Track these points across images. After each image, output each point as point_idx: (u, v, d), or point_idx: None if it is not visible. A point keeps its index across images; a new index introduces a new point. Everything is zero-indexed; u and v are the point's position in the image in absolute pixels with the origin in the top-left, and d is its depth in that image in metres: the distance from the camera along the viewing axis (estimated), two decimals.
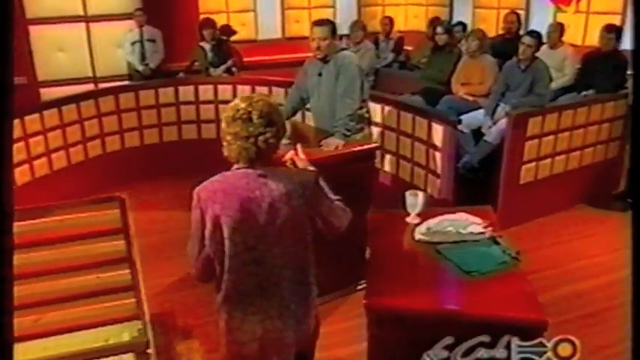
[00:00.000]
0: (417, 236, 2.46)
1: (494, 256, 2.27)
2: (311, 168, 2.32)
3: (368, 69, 6.65)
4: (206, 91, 6.13)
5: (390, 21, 7.69)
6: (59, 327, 3.44)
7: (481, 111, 5.22)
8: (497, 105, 5.17)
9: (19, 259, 3.31)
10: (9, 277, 1.89)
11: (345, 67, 3.91)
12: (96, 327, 3.24)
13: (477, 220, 2.49)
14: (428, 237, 2.43)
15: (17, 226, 3.35)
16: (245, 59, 7.38)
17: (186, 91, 6.14)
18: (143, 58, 7.03)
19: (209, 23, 6.69)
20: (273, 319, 2.14)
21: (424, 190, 4.68)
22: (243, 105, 2.07)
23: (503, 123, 4.88)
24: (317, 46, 3.93)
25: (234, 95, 6.06)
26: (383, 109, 4.99)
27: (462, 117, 5.18)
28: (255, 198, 2.05)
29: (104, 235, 3.35)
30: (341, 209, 2.23)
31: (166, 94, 6.12)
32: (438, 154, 4.49)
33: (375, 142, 4.19)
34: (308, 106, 4.26)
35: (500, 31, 6.86)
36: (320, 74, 4.03)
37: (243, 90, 6.01)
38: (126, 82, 7.14)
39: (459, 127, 5.09)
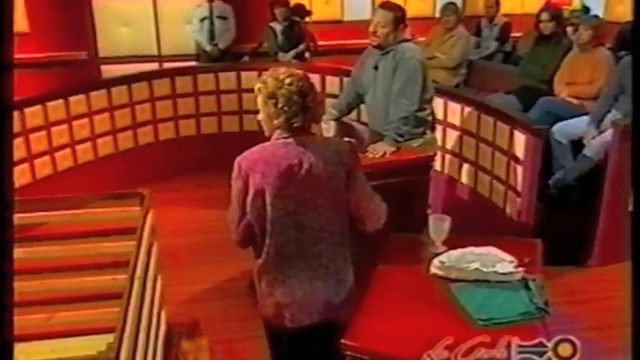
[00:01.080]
0: (432, 269, 2.42)
1: (517, 303, 2.17)
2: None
3: (460, 60, 6.55)
4: None
5: (495, 3, 7.48)
6: (70, 328, 3.68)
7: (585, 118, 4.96)
8: (608, 111, 4.89)
9: (31, 252, 3.60)
10: (9, 272, 2.07)
11: (405, 62, 3.88)
12: (108, 332, 3.42)
13: (508, 257, 2.39)
14: (443, 272, 2.37)
15: (30, 217, 3.64)
16: (328, 42, 7.47)
17: (249, 78, 6.28)
18: (212, 37, 7.26)
19: (281, 1, 6.82)
20: (312, 280, 2.49)
21: (503, 210, 4.56)
22: (275, 85, 2.43)
23: (609, 134, 4.62)
24: (373, 31, 3.94)
25: None
26: (463, 110, 4.89)
27: (561, 124, 4.95)
28: (294, 165, 2.41)
29: (122, 233, 3.56)
30: (377, 197, 2.57)
31: (227, 79, 6.34)
32: (519, 168, 4.34)
33: (434, 151, 4.12)
34: None
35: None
36: (376, 67, 4.02)
37: (312, 80, 6.08)
38: (193, 63, 7.48)
39: (556, 136, 4.89)
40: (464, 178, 5.01)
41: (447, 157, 5.15)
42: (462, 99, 4.96)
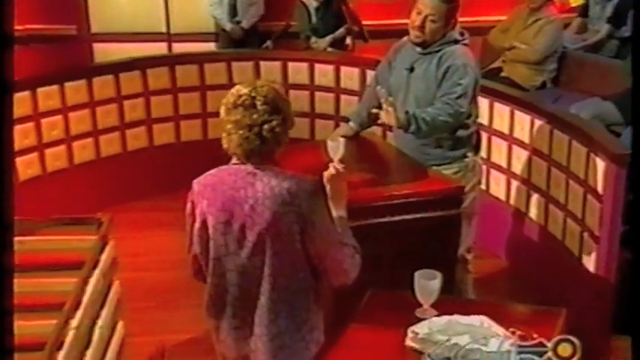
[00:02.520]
0: (407, 340, 2.57)
1: None
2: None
3: (547, 52, 6.57)
4: (298, 71, 6.50)
5: None
6: None
7: None
8: None
9: None
10: (9, 307, 2.31)
11: (457, 70, 4.01)
12: None
13: (501, 331, 2.53)
14: (418, 344, 2.52)
15: None
16: (385, 21, 7.59)
17: (270, 69, 6.54)
18: (234, 12, 7.47)
19: None
20: (256, 337, 2.79)
21: (578, 258, 4.62)
22: (245, 90, 2.70)
23: None
24: (420, 24, 4.06)
25: (337, 80, 6.40)
26: (532, 124, 4.98)
27: None
28: (239, 198, 2.69)
29: (74, 267, 3.83)
30: (348, 247, 2.74)
31: (243, 70, 6.54)
32: (597, 205, 4.41)
33: (477, 178, 4.25)
34: None
35: None
36: (412, 69, 4.18)
37: (348, 73, 6.31)
38: (211, 45, 7.76)
39: None
40: (532, 212, 5.10)
41: (514, 183, 5.25)
42: (532, 108, 5.04)
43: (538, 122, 4.94)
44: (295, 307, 2.76)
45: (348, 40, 7.08)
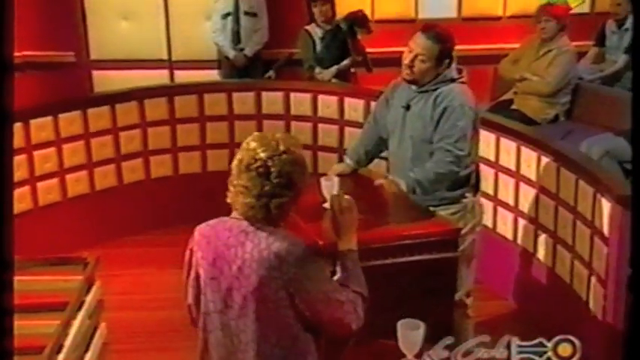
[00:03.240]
0: None
1: None
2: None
3: (560, 84, 6.61)
4: (301, 103, 6.63)
5: None
6: None
7: None
8: None
9: None
10: (9, 349, 2.36)
11: (454, 111, 4.10)
12: None
13: None
14: None
15: None
16: (396, 49, 7.68)
17: (272, 100, 6.68)
18: (237, 39, 7.62)
19: None
20: None
21: (586, 303, 4.67)
22: (262, 155, 2.68)
23: None
24: (410, 63, 4.16)
25: (341, 112, 6.52)
26: (539, 161, 5.06)
27: None
28: (229, 256, 2.71)
29: (58, 309, 3.93)
30: (346, 303, 2.75)
31: (244, 101, 6.71)
32: (604, 248, 4.46)
33: (476, 220, 4.33)
34: None
35: None
36: (408, 107, 4.27)
37: (353, 105, 6.43)
38: (214, 73, 7.89)
39: None
40: (540, 253, 5.16)
41: (521, 222, 5.32)
42: (538, 144, 5.12)
43: (545, 159, 5.01)
44: None
45: (353, 70, 7.15)
